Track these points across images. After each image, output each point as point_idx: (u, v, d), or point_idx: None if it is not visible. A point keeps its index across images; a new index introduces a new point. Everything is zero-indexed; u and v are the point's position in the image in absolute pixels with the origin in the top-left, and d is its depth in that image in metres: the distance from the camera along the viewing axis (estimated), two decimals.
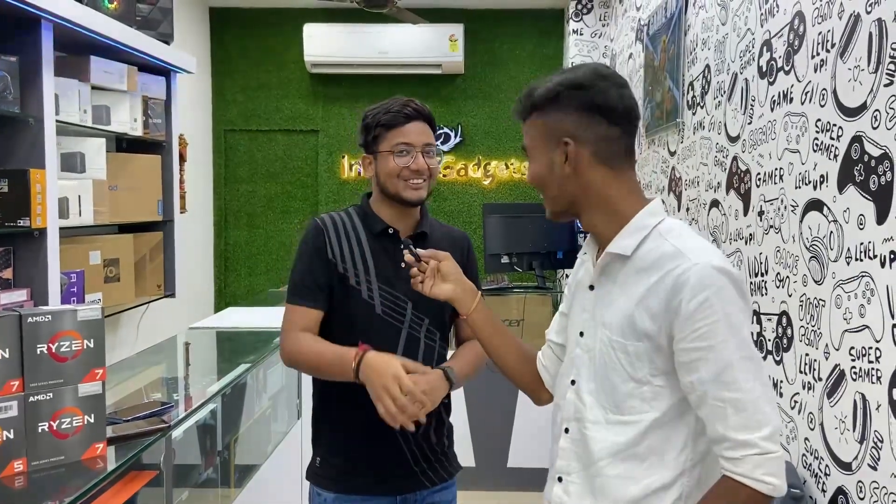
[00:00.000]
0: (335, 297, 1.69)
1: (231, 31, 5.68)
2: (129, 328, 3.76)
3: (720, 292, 1.09)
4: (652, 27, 3.73)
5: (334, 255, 1.69)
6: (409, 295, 1.67)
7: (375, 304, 1.68)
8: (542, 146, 1.23)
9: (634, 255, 1.18)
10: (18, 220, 2.53)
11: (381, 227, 1.72)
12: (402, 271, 1.64)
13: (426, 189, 1.72)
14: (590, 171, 1.21)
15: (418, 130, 1.70)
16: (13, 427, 1.40)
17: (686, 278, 1.10)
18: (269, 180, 5.79)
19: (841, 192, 1.78)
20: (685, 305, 1.10)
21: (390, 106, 1.72)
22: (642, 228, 1.19)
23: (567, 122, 1.20)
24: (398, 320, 1.69)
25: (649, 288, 1.14)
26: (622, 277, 1.20)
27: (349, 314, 1.68)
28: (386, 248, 1.72)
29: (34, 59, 2.59)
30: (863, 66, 1.70)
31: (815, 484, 1.89)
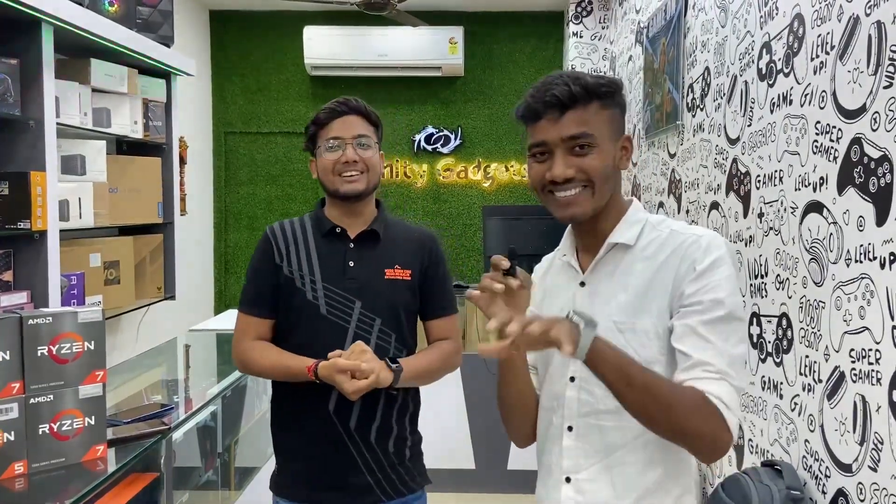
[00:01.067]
0: (282, 300, 1.71)
1: (231, 33, 5.69)
2: (129, 330, 3.76)
3: (730, 255, 1.16)
4: (651, 30, 3.73)
5: (281, 258, 1.71)
6: (357, 294, 1.68)
7: (320, 304, 1.67)
8: (609, 137, 1.20)
9: (636, 244, 1.21)
10: (19, 222, 2.53)
11: (328, 226, 1.73)
12: (350, 270, 1.69)
13: (363, 182, 1.70)
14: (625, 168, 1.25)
15: (349, 124, 1.71)
16: (14, 429, 1.40)
17: (698, 245, 1.16)
18: (269, 183, 5.79)
19: (840, 193, 1.79)
20: (700, 263, 1.14)
21: (325, 105, 1.75)
22: (637, 222, 1.24)
23: (622, 119, 1.24)
24: (344, 319, 1.67)
25: (658, 268, 1.18)
26: (624, 267, 1.21)
27: (295, 315, 1.69)
28: (334, 248, 1.72)
29: (35, 62, 2.59)
30: (862, 68, 1.70)
31: (815, 486, 1.89)
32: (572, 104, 1.17)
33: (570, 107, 1.17)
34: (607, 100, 1.20)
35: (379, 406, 1.69)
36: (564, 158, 1.18)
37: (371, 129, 1.74)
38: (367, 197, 1.74)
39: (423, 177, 5.67)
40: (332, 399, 1.66)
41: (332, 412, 1.66)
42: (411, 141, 5.64)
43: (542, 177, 1.20)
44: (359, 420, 1.67)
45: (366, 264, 1.71)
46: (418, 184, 5.66)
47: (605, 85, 1.19)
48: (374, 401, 1.67)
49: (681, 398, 1.08)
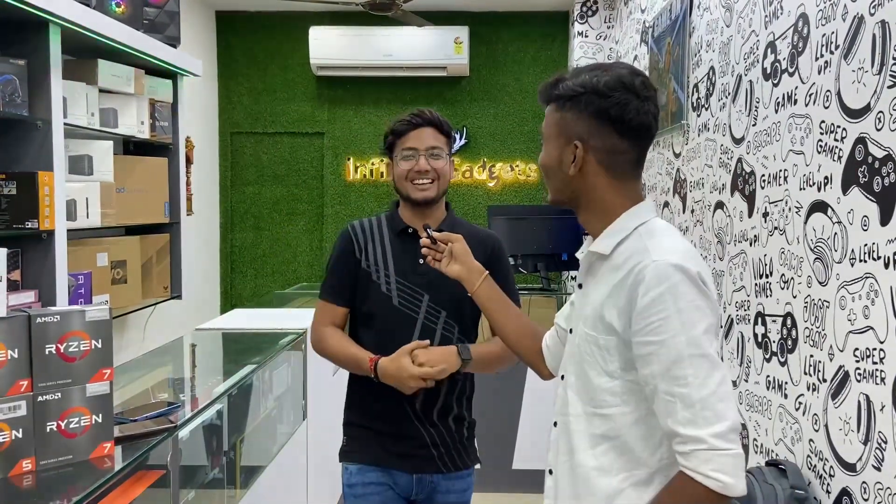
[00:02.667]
0: (359, 290, 1.88)
1: (237, 34, 5.71)
2: (135, 329, 3.78)
3: (674, 289, 1.11)
4: (657, 29, 3.73)
5: (360, 253, 1.89)
6: (426, 288, 1.85)
7: (393, 295, 1.85)
8: (555, 138, 1.27)
9: (612, 254, 1.23)
10: (26, 222, 2.55)
11: (401, 226, 1.89)
12: (421, 267, 1.81)
13: (434, 189, 1.86)
14: (593, 176, 1.25)
15: (423, 135, 1.85)
16: (22, 426, 1.41)
17: (644, 275, 1.13)
18: (275, 183, 5.81)
19: (845, 193, 1.79)
20: (640, 300, 1.13)
21: (403, 115, 1.89)
22: (622, 230, 1.23)
23: (581, 124, 1.23)
24: (413, 311, 1.84)
25: (616, 284, 1.18)
26: (599, 275, 1.26)
27: (370, 305, 1.87)
28: (406, 246, 1.87)
29: (42, 63, 2.61)
30: (866, 67, 1.70)
31: (819, 485, 1.89)
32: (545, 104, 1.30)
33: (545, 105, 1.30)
34: (561, 103, 1.25)
35: (442, 390, 1.86)
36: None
37: (443, 140, 1.88)
38: (439, 201, 1.89)
39: None
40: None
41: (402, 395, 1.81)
42: None
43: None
44: (423, 402, 1.85)
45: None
46: None
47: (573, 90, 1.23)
48: (437, 386, 1.82)
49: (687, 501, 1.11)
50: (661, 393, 1.12)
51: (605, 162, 1.24)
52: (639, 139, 1.25)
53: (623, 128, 1.22)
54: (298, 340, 2.98)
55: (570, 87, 1.24)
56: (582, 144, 1.23)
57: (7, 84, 2.49)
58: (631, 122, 1.22)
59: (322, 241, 5.81)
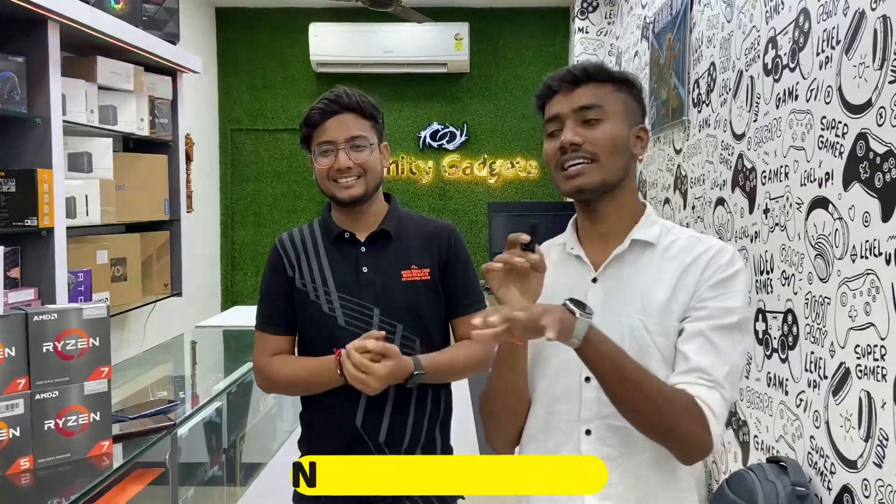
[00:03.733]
0: (299, 313, 1.61)
1: (237, 30, 5.69)
2: (136, 327, 3.78)
3: (743, 271, 1.18)
4: (657, 25, 3.72)
5: (293, 271, 1.62)
6: (374, 301, 1.58)
7: (337, 315, 1.57)
8: (622, 116, 1.21)
9: (658, 244, 1.21)
10: (26, 219, 2.55)
11: (336, 231, 1.62)
12: (365, 277, 1.58)
13: (361, 186, 1.57)
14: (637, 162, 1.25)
15: (340, 124, 1.57)
16: (20, 425, 1.41)
17: (723, 254, 1.17)
18: (276, 179, 5.80)
19: (846, 189, 1.78)
20: (722, 273, 1.15)
21: (316, 102, 1.60)
22: (656, 222, 1.24)
23: (638, 111, 1.24)
24: (363, 329, 1.56)
25: (683, 270, 1.17)
26: (643, 265, 1.20)
27: (312, 329, 1.60)
28: (345, 255, 1.61)
29: (41, 60, 2.60)
30: (868, 62, 1.69)
31: (820, 482, 1.88)
32: (586, 80, 1.20)
33: (585, 82, 1.20)
34: (622, 85, 1.21)
35: (409, 417, 1.59)
36: (574, 128, 1.19)
37: (366, 126, 1.60)
38: (370, 199, 1.62)
39: (428, 173, 5.67)
40: (359, 413, 1.56)
41: (359, 427, 1.56)
42: (417, 137, 5.64)
43: (555, 151, 1.20)
44: (388, 434, 1.57)
45: (380, 268, 1.60)
46: (423, 180, 5.66)
47: (622, 74, 1.22)
48: (404, 412, 1.58)
49: (671, 400, 1.08)
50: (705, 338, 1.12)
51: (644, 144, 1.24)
52: None
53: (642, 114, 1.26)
54: None
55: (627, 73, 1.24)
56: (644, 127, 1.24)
57: (6, 81, 2.48)
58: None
59: None
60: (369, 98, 1.63)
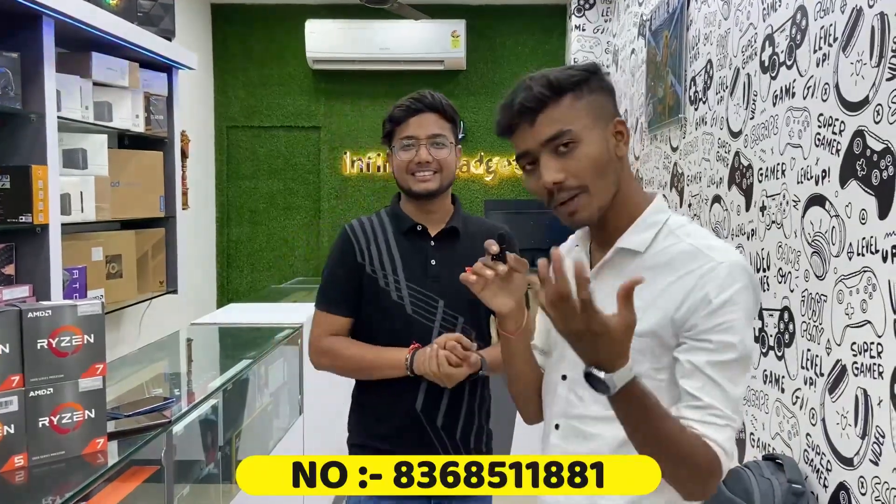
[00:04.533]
0: (366, 299, 1.70)
1: (233, 27, 5.68)
2: (131, 324, 3.77)
3: (743, 291, 1.07)
4: (654, 22, 3.72)
5: (363, 257, 1.70)
6: (440, 293, 1.68)
7: (405, 303, 1.67)
8: (594, 125, 1.12)
9: (647, 251, 1.13)
10: (20, 216, 2.53)
11: (408, 224, 1.72)
12: (432, 269, 1.69)
13: (436, 181, 1.68)
14: (624, 158, 1.16)
15: (423, 122, 1.69)
16: (13, 422, 1.40)
17: (715, 274, 1.07)
18: (271, 177, 5.79)
19: (843, 186, 1.78)
20: (714, 297, 1.06)
21: (402, 100, 1.72)
22: (654, 224, 1.15)
23: (608, 102, 1.15)
24: (429, 319, 1.67)
25: (667, 287, 1.09)
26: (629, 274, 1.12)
27: (380, 315, 1.69)
28: (415, 247, 1.71)
29: (36, 56, 2.58)
30: (865, 60, 1.69)
31: (816, 479, 1.88)
32: (541, 106, 1.11)
33: (540, 109, 1.11)
34: (580, 89, 1.12)
35: (464, 401, 1.70)
36: (550, 162, 1.11)
37: (447, 127, 1.71)
38: (443, 194, 1.71)
39: None
40: (419, 396, 1.66)
41: (419, 410, 1.66)
42: None
43: (541, 190, 1.13)
44: (446, 416, 1.67)
45: (447, 262, 1.68)
46: None
47: (573, 75, 1.12)
48: (459, 396, 1.68)
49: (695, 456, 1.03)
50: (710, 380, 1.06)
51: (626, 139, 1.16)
52: None
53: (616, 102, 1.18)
54: (294, 335, 2.97)
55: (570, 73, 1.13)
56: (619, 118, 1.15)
57: (0, 77, 2.47)
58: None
59: (319, 236, 5.80)
60: (450, 102, 1.75)
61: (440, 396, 1.67)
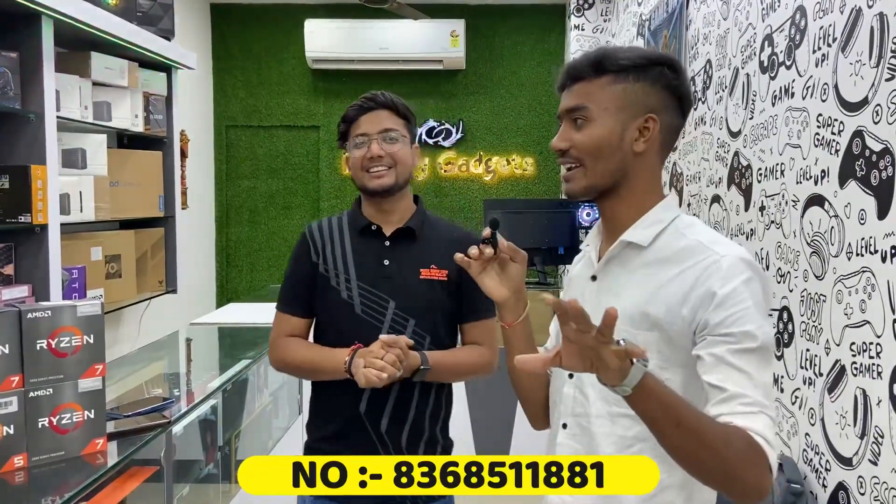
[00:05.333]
0: (318, 298, 1.69)
1: (232, 26, 5.67)
2: (130, 324, 3.77)
3: (750, 283, 1.06)
4: (653, 22, 3.72)
5: (318, 257, 1.70)
6: (391, 293, 1.65)
7: (355, 303, 1.65)
8: (616, 112, 1.13)
9: (651, 246, 1.14)
10: (19, 216, 2.54)
11: (363, 223, 1.70)
12: (386, 269, 1.66)
13: (391, 176, 1.66)
14: (652, 156, 1.15)
15: (374, 119, 1.69)
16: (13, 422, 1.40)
17: (717, 267, 1.06)
18: (271, 176, 5.79)
19: (842, 186, 1.78)
20: (719, 290, 1.05)
21: (354, 102, 1.73)
22: (659, 221, 1.15)
23: (653, 97, 1.14)
24: (377, 320, 1.64)
25: (669, 280, 1.09)
26: (633, 268, 1.15)
27: (329, 314, 1.68)
28: (369, 246, 1.69)
29: (35, 55, 2.58)
30: (864, 60, 1.69)
31: (815, 479, 1.88)
32: (581, 76, 1.15)
33: (580, 78, 1.15)
34: (626, 74, 1.13)
35: (412, 407, 1.65)
36: (564, 129, 1.16)
37: (400, 123, 1.71)
38: (399, 192, 1.69)
39: (424, 170, 5.66)
40: (363, 400, 1.63)
41: (362, 413, 1.63)
42: None
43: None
44: (390, 422, 1.63)
45: (401, 263, 1.67)
46: (419, 177, 5.65)
47: (630, 60, 1.13)
48: (406, 400, 1.64)
49: (730, 441, 0.98)
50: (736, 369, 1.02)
51: (666, 141, 1.16)
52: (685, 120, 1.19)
53: (687, 105, 1.17)
54: None
55: (637, 56, 1.13)
56: (657, 118, 1.13)
57: None
58: (690, 102, 1.18)
59: None
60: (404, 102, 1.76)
61: (385, 399, 1.63)
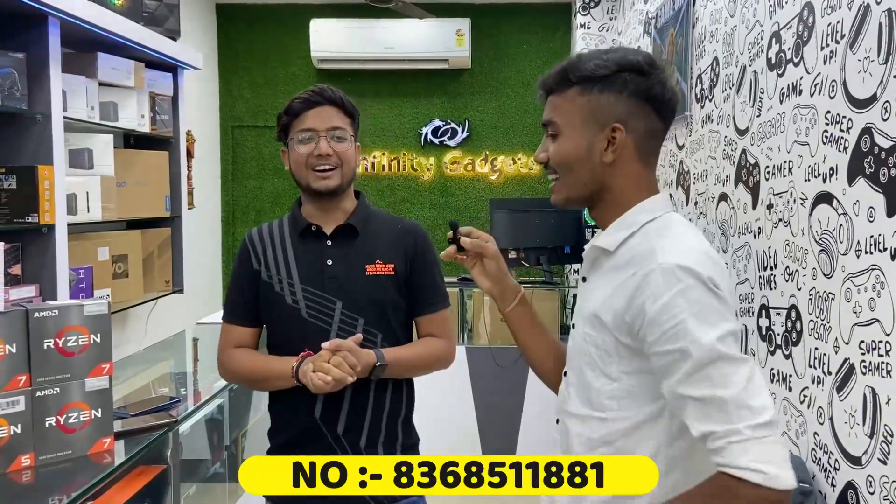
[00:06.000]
0: (263, 305, 1.65)
1: (238, 26, 5.68)
2: (137, 324, 3.78)
3: (685, 292, 1.02)
4: (660, 20, 3.70)
5: (259, 263, 1.66)
6: (337, 294, 1.61)
7: (300, 307, 1.61)
8: (581, 126, 1.13)
9: (616, 251, 1.14)
10: (27, 216, 2.54)
11: (303, 225, 1.67)
12: (329, 269, 1.62)
13: (337, 178, 1.63)
14: (628, 163, 1.14)
15: (322, 115, 1.64)
16: (20, 422, 1.40)
17: (649, 280, 1.05)
18: (277, 176, 5.80)
19: (850, 184, 1.77)
20: (649, 307, 1.04)
21: (299, 94, 1.67)
22: (630, 225, 1.15)
23: (619, 106, 1.12)
24: (326, 322, 1.60)
25: (617, 286, 1.10)
26: (601, 272, 1.17)
27: (276, 320, 1.65)
28: (310, 248, 1.65)
29: (41, 56, 2.59)
30: (872, 56, 1.68)
31: (824, 478, 1.87)
32: (551, 89, 1.18)
33: (552, 91, 1.18)
34: (591, 85, 1.12)
35: (368, 406, 1.62)
36: (543, 143, 1.20)
37: (347, 121, 1.66)
38: (343, 192, 1.67)
39: (430, 170, 5.66)
40: (318, 405, 1.60)
41: (318, 418, 1.60)
42: (418, 134, 5.63)
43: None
44: (346, 426, 1.60)
45: (344, 261, 1.64)
46: (425, 177, 5.65)
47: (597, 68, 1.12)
48: (363, 401, 1.61)
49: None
50: (691, 400, 1.01)
51: (641, 147, 1.14)
52: (670, 120, 1.17)
53: (664, 108, 1.15)
54: None
55: (600, 65, 1.12)
56: (623, 128, 1.12)
57: (6, 77, 2.47)
58: (670, 101, 1.15)
59: None
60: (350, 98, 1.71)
61: (340, 402, 1.60)
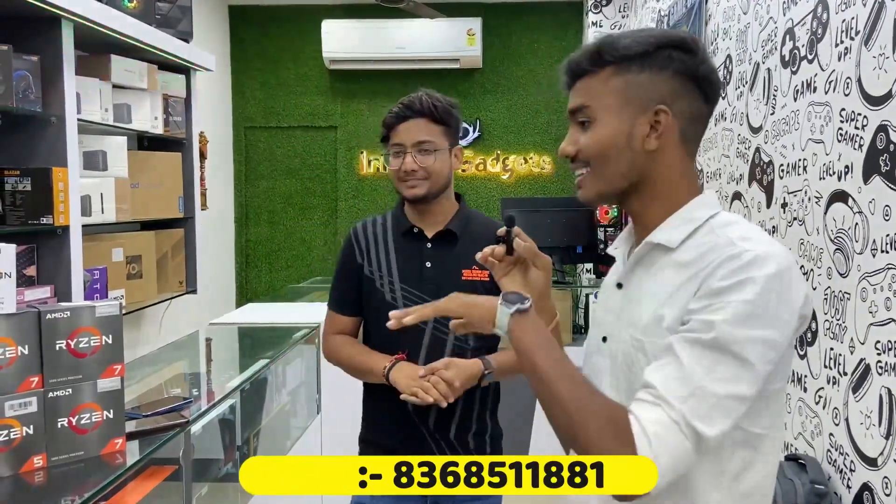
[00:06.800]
0: (364, 299, 1.76)
1: (250, 28, 5.71)
2: (151, 325, 3.80)
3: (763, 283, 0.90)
4: (672, 17, 3.68)
5: (362, 258, 1.76)
6: (434, 296, 1.59)
7: (399, 305, 1.67)
8: (619, 109, 1.00)
9: (679, 247, 1.00)
10: (41, 218, 2.56)
11: (406, 226, 1.75)
12: (428, 271, 1.70)
13: (424, 188, 1.69)
14: (672, 149, 1.02)
15: (410, 129, 1.69)
16: (33, 423, 1.41)
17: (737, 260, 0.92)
18: (289, 177, 5.82)
19: (866, 182, 1.74)
20: (721, 282, 0.91)
21: (395, 106, 1.72)
22: (692, 220, 1.02)
23: (663, 86, 1.00)
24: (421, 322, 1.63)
25: (684, 282, 0.96)
26: (657, 270, 1.02)
27: (374, 315, 1.73)
28: (411, 249, 1.73)
29: (55, 59, 2.61)
30: (888, 53, 1.65)
31: (839, 480, 1.85)
32: (582, 72, 1.03)
33: (581, 75, 1.04)
34: (629, 64, 1.00)
35: (458, 403, 1.68)
36: (571, 132, 1.06)
37: (437, 131, 1.69)
38: (435, 199, 1.72)
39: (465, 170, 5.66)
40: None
41: (411, 412, 1.69)
42: None
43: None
44: (437, 419, 1.69)
45: (443, 265, 1.71)
46: None
47: (634, 46, 1.00)
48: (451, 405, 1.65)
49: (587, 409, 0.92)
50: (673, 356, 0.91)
51: (686, 132, 1.02)
52: (714, 103, 1.05)
53: (710, 88, 1.02)
54: (312, 335, 2.98)
55: (641, 42, 1.00)
56: (669, 109, 0.99)
57: (21, 80, 2.49)
58: (716, 83, 1.03)
59: (336, 235, 5.81)
60: (446, 102, 1.71)
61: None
